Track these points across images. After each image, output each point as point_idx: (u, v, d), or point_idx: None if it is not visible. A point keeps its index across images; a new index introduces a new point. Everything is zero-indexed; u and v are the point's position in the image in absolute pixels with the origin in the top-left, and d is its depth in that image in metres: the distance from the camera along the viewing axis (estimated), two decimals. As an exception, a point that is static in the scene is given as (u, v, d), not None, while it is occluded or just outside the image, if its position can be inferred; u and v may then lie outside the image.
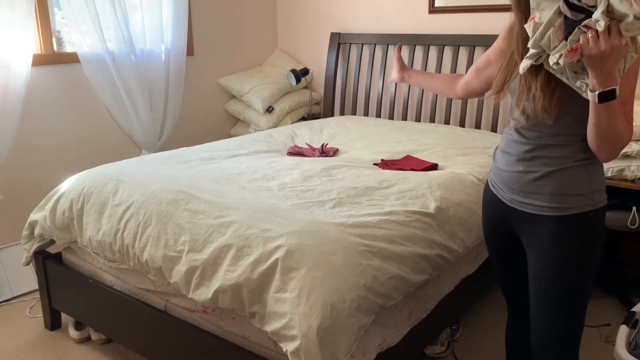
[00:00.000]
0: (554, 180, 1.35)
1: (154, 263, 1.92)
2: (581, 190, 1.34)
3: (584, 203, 1.34)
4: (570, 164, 1.34)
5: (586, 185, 1.34)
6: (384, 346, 1.70)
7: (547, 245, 1.39)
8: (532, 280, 1.45)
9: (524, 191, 1.40)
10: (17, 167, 2.91)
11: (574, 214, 1.34)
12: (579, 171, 1.34)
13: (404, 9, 3.61)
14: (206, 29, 3.75)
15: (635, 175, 2.37)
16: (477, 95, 1.63)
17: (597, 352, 2.30)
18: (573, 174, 1.34)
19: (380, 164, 2.53)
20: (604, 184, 1.38)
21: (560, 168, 1.34)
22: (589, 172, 1.34)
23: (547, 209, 1.37)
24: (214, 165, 2.41)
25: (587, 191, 1.34)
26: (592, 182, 1.35)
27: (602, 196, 1.37)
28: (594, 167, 1.35)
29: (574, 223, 1.35)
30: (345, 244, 1.66)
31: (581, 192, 1.34)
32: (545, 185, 1.36)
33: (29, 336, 2.47)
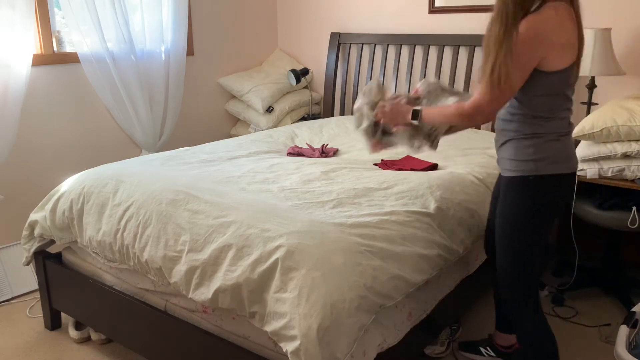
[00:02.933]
0: (509, 148, 1.69)
1: (154, 263, 1.92)
2: (525, 157, 1.65)
3: (527, 168, 1.65)
4: (520, 136, 1.66)
5: (530, 154, 1.64)
6: (384, 346, 1.70)
7: (500, 199, 1.76)
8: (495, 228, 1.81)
9: (497, 156, 1.78)
10: (17, 167, 2.91)
11: (517, 176, 1.67)
12: (526, 143, 1.65)
13: (404, 9, 3.61)
14: (206, 29, 3.75)
15: (635, 175, 2.37)
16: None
17: (597, 352, 2.30)
18: (520, 144, 1.66)
19: (380, 164, 2.52)
20: (557, 157, 1.64)
21: (513, 139, 1.68)
22: (536, 144, 1.63)
23: (504, 170, 1.73)
24: (214, 167, 2.41)
25: (530, 159, 1.64)
26: (537, 152, 1.63)
27: (547, 165, 1.63)
28: (541, 140, 1.63)
29: (517, 183, 1.68)
30: (345, 244, 1.66)
31: (525, 159, 1.65)
32: (504, 151, 1.72)
33: (29, 336, 2.47)
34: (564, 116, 1.66)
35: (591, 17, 2.88)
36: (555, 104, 1.63)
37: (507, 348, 2.18)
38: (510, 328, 2.13)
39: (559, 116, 1.64)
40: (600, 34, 2.64)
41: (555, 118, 1.64)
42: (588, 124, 2.41)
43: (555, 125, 1.64)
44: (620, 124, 2.35)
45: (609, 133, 2.37)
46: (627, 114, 2.38)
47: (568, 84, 1.63)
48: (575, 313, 2.59)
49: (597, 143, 2.44)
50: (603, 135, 2.38)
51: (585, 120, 2.44)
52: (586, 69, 2.66)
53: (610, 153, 2.39)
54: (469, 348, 2.24)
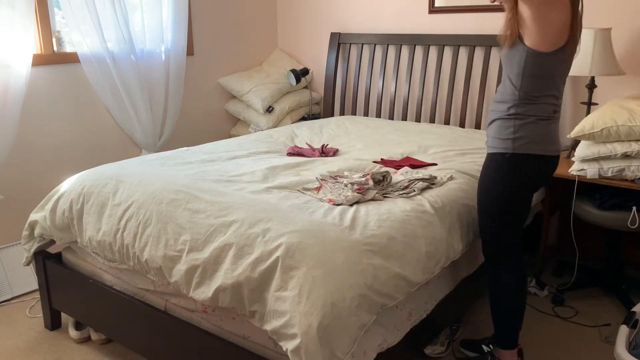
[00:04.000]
0: (494, 126, 1.87)
1: (154, 263, 1.92)
2: (504, 136, 1.81)
3: (504, 146, 1.81)
4: (504, 116, 1.82)
5: (509, 133, 1.79)
6: (384, 346, 1.70)
7: (480, 172, 1.97)
8: None
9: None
10: (17, 167, 2.91)
11: (495, 152, 1.85)
12: (507, 123, 1.81)
13: (404, 9, 3.61)
14: (206, 29, 3.75)
15: (635, 175, 2.37)
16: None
17: (597, 352, 2.30)
18: (502, 124, 1.82)
19: (380, 162, 2.53)
20: (534, 138, 1.77)
21: (498, 118, 1.85)
22: (515, 124, 1.79)
23: (488, 147, 1.91)
24: (214, 167, 2.41)
25: (508, 137, 1.80)
26: (516, 132, 1.78)
27: (524, 144, 1.78)
28: (520, 121, 1.78)
29: (494, 159, 1.86)
30: (346, 243, 1.66)
31: (504, 137, 1.81)
32: (490, 130, 1.89)
33: (29, 336, 2.47)
34: (548, 102, 1.78)
35: (591, 17, 2.89)
36: (541, 86, 1.75)
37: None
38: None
39: (542, 100, 1.77)
40: (600, 34, 2.64)
41: (538, 102, 1.77)
42: (588, 124, 2.41)
43: (537, 109, 1.78)
44: (620, 124, 2.35)
45: (609, 133, 2.37)
46: (627, 114, 2.38)
47: (556, 67, 1.72)
48: (575, 313, 2.59)
49: (597, 143, 2.44)
50: (603, 135, 2.38)
51: (585, 120, 2.44)
52: (586, 68, 2.66)
53: (610, 153, 2.39)
54: (471, 346, 2.24)
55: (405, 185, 2.13)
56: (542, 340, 2.39)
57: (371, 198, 2.01)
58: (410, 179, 2.18)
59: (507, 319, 2.01)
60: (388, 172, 2.18)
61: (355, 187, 2.04)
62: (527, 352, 2.30)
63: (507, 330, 2.03)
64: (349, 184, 2.07)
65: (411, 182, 2.15)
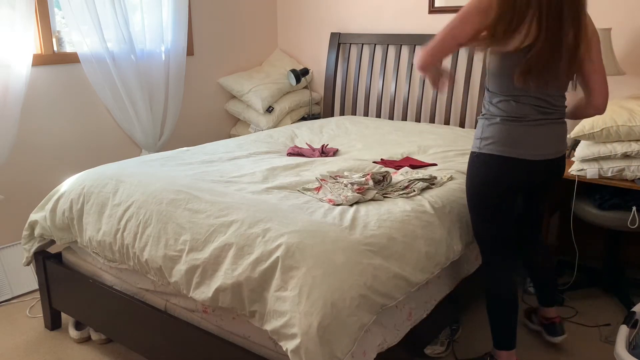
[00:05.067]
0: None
1: (154, 263, 1.92)
2: (476, 135, 1.87)
3: (474, 145, 1.87)
4: (480, 116, 1.88)
5: (479, 133, 1.85)
6: (384, 346, 1.70)
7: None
8: None
9: None
10: (17, 167, 2.91)
11: (471, 152, 1.90)
12: (480, 121, 1.87)
13: (404, 9, 3.61)
14: (206, 29, 3.75)
15: (635, 175, 2.37)
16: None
17: (597, 352, 2.30)
18: (478, 123, 1.88)
19: (380, 162, 2.53)
20: (495, 137, 1.78)
21: (479, 118, 1.89)
22: (484, 125, 1.83)
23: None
24: (214, 167, 2.41)
25: (478, 137, 1.85)
26: (484, 132, 1.82)
27: (489, 145, 1.80)
28: (488, 122, 1.81)
29: (469, 158, 1.92)
30: (346, 243, 1.66)
31: (476, 137, 1.87)
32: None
33: (29, 336, 2.47)
34: (513, 100, 1.76)
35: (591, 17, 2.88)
36: (502, 85, 1.76)
37: (547, 320, 2.30)
38: (546, 302, 2.28)
39: (506, 99, 1.77)
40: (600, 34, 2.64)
41: (502, 101, 1.77)
42: (588, 124, 2.41)
43: (501, 108, 1.78)
44: (620, 124, 2.35)
45: (609, 133, 2.37)
46: (627, 114, 2.38)
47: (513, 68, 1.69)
48: (575, 313, 2.59)
49: (597, 143, 2.44)
50: (603, 135, 2.38)
51: (585, 120, 2.44)
52: (586, 69, 2.65)
53: (610, 153, 2.39)
54: None
55: (405, 186, 2.13)
56: (542, 340, 2.39)
57: (371, 198, 2.01)
58: (410, 179, 2.18)
59: (502, 317, 2.02)
60: (388, 172, 2.18)
61: (355, 187, 2.04)
62: (527, 352, 2.30)
63: (503, 330, 2.03)
64: (349, 184, 2.07)
65: (411, 182, 2.15)
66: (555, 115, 1.81)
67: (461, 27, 1.69)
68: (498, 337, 2.05)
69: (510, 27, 1.64)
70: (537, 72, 1.68)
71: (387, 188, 2.12)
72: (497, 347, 2.06)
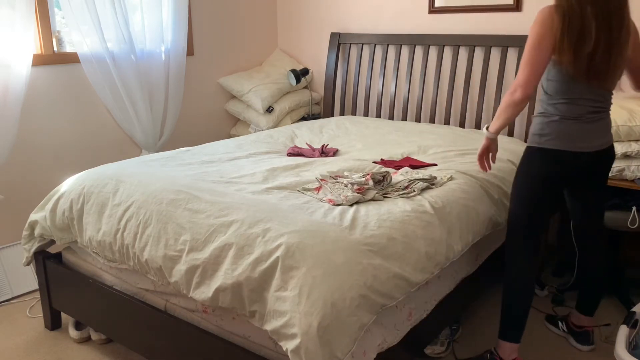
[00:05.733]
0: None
1: (154, 263, 1.92)
2: (534, 131, 2.01)
3: (532, 140, 2.01)
4: (537, 114, 2.03)
5: (537, 130, 1.99)
6: (384, 346, 1.70)
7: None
8: None
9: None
10: (17, 167, 2.91)
11: (527, 145, 2.04)
12: (538, 119, 2.01)
13: (404, 9, 3.61)
14: (206, 29, 3.75)
15: (635, 175, 2.37)
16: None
17: (597, 352, 2.30)
18: (535, 120, 2.03)
19: (380, 162, 2.53)
20: (555, 133, 1.94)
21: (535, 116, 2.04)
22: (543, 122, 1.98)
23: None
24: (214, 168, 2.41)
25: (537, 133, 1.99)
26: (543, 129, 1.97)
27: (548, 140, 1.95)
28: (547, 119, 1.96)
29: (525, 150, 2.06)
30: (346, 243, 1.66)
31: (534, 132, 2.01)
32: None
33: (29, 336, 2.47)
34: (571, 102, 1.92)
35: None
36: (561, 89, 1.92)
37: (578, 327, 2.34)
38: (587, 311, 2.32)
39: (564, 102, 1.92)
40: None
41: (560, 103, 1.92)
42: (588, 124, 2.41)
43: (560, 109, 1.93)
44: (620, 124, 2.35)
45: (609, 133, 2.37)
46: (627, 114, 2.37)
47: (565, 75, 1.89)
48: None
49: (597, 143, 2.43)
50: (603, 135, 2.38)
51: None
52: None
53: (610, 153, 2.38)
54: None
55: (405, 186, 2.14)
56: (542, 340, 2.39)
57: (371, 198, 2.01)
58: (410, 179, 2.18)
59: (516, 309, 2.07)
60: (388, 172, 2.18)
61: (355, 187, 2.04)
62: (527, 352, 2.30)
63: (513, 322, 2.07)
64: (349, 184, 2.07)
65: (411, 183, 2.15)
66: (605, 112, 1.98)
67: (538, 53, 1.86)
68: (505, 327, 2.09)
69: (572, 39, 1.81)
70: (603, 75, 1.86)
71: (387, 188, 2.12)
72: (502, 338, 2.10)
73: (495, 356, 2.12)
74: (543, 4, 3.08)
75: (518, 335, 2.08)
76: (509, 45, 3.18)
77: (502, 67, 3.21)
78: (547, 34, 1.83)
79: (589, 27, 1.79)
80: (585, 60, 1.82)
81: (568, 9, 1.80)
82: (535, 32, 1.85)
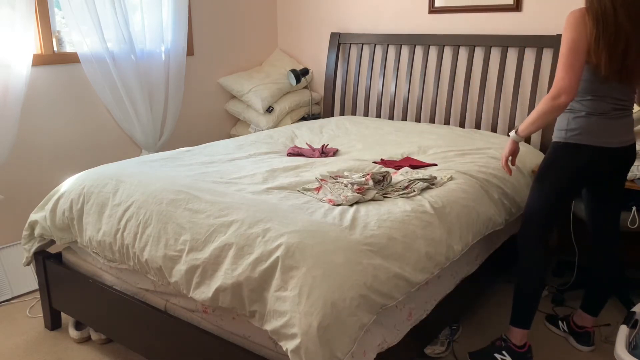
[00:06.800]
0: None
1: (154, 263, 1.92)
2: (560, 127, 2.05)
3: (559, 135, 2.05)
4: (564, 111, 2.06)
5: (564, 125, 2.03)
6: (384, 346, 1.70)
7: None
8: None
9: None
10: (17, 167, 2.91)
11: (553, 141, 2.08)
12: (563, 115, 2.04)
13: (403, 9, 3.61)
14: (206, 29, 3.75)
15: (635, 175, 2.37)
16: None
17: (597, 352, 2.30)
18: (560, 117, 2.06)
19: (380, 162, 2.53)
20: (582, 128, 1.98)
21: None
22: (569, 118, 2.01)
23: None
24: (214, 168, 2.41)
25: (563, 129, 2.03)
26: (569, 124, 2.01)
27: (574, 135, 2.00)
28: (574, 114, 2.00)
29: (551, 146, 2.09)
30: (346, 243, 1.66)
31: (559, 128, 2.05)
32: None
33: (29, 336, 2.47)
34: (599, 99, 1.95)
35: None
36: (590, 87, 1.95)
37: (579, 328, 2.34)
38: (592, 311, 2.32)
39: (592, 99, 1.96)
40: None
41: (587, 99, 1.96)
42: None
43: (587, 105, 1.97)
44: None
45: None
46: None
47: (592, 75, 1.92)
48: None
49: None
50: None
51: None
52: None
53: (610, 153, 2.38)
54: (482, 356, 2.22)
55: (405, 186, 2.14)
56: (542, 340, 2.39)
57: (371, 198, 2.01)
58: (410, 179, 2.18)
59: (529, 295, 2.13)
60: (388, 172, 2.18)
61: (355, 187, 2.04)
62: (527, 352, 2.30)
63: (526, 307, 2.13)
64: (349, 184, 2.07)
65: (411, 182, 2.15)
66: (629, 110, 2.02)
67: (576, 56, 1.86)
68: (517, 313, 2.14)
69: (607, 41, 1.84)
70: (636, 75, 1.90)
71: (387, 188, 2.12)
72: (514, 324, 2.16)
73: (508, 342, 2.17)
74: (543, 4, 3.11)
75: (529, 321, 2.14)
76: (509, 45, 3.18)
77: (502, 67, 3.21)
78: (582, 38, 1.85)
79: (622, 29, 1.82)
80: (619, 60, 1.85)
81: (601, 12, 1.82)
82: (569, 36, 1.86)
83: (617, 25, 1.82)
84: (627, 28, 1.82)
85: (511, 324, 2.17)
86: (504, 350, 2.16)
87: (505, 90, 3.29)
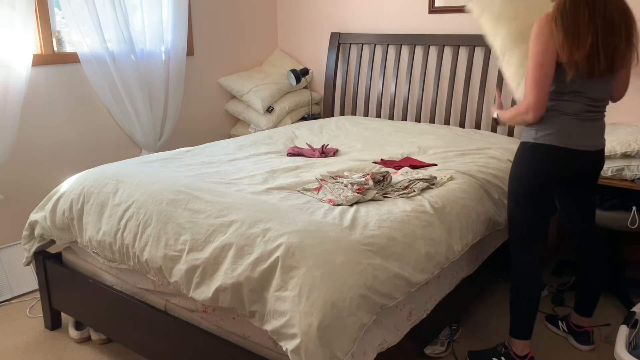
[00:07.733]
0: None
1: (154, 263, 1.92)
2: (530, 127, 1.96)
3: (529, 136, 1.97)
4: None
5: (534, 125, 1.94)
6: (384, 346, 1.70)
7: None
8: None
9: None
10: (17, 167, 2.91)
11: (522, 141, 2.01)
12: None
13: (404, 9, 3.61)
14: (206, 29, 3.75)
15: (635, 175, 2.37)
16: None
17: (597, 352, 2.30)
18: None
19: (380, 162, 2.53)
20: (553, 129, 1.91)
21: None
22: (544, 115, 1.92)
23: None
24: (214, 168, 2.41)
25: (533, 129, 1.95)
26: (540, 123, 1.93)
27: (544, 135, 1.92)
28: (545, 114, 1.91)
29: (520, 147, 2.03)
30: (346, 243, 1.66)
31: (530, 128, 1.97)
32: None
33: (29, 336, 2.47)
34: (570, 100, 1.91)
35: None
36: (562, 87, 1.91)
37: (579, 327, 2.34)
38: (585, 312, 2.32)
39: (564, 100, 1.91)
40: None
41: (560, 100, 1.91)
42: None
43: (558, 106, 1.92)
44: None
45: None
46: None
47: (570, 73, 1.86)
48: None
49: (597, 143, 2.44)
50: (603, 135, 2.38)
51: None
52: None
53: (610, 153, 2.39)
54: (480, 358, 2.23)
55: (405, 186, 2.14)
56: (542, 340, 2.39)
57: (371, 198, 2.01)
58: (410, 179, 2.18)
59: (525, 307, 2.08)
60: (388, 172, 2.18)
61: (355, 187, 2.04)
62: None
63: (524, 319, 2.09)
64: (349, 184, 2.07)
65: (411, 183, 2.15)
66: (601, 113, 1.98)
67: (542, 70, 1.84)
68: (516, 326, 2.11)
69: (575, 44, 1.80)
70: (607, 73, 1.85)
71: (387, 188, 2.12)
72: (514, 336, 2.12)
73: (510, 351, 2.14)
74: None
75: (529, 332, 2.11)
76: (509, 45, 3.18)
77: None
78: (548, 49, 1.82)
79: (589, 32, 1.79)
80: (586, 62, 1.81)
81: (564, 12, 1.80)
82: (534, 50, 1.84)
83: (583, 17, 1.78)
84: (594, 19, 1.78)
85: (511, 336, 2.13)
86: (503, 357, 2.14)
87: (505, 90, 3.29)
